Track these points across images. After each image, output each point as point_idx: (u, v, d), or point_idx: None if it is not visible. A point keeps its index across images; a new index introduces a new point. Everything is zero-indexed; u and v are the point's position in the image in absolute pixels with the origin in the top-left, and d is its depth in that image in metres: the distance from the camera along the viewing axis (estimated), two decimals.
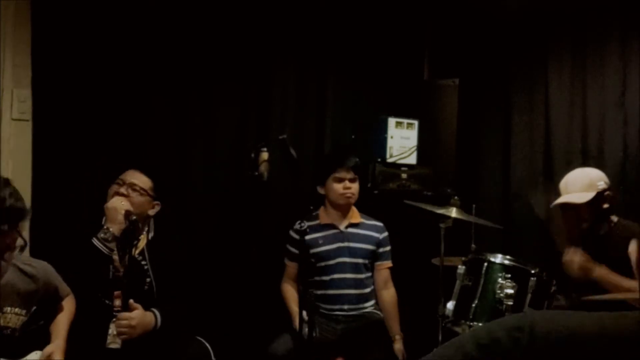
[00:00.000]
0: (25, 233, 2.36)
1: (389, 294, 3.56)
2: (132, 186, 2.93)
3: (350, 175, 3.48)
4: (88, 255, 2.71)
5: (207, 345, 2.94)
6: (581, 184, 3.15)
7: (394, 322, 3.50)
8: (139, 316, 2.71)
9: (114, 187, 2.93)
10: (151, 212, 3.02)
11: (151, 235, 3.03)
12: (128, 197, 2.87)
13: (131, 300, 2.69)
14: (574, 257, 3.04)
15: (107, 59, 3.37)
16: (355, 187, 3.50)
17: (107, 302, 2.76)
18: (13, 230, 2.24)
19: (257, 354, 3.29)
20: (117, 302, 2.65)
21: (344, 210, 3.54)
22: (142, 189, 2.96)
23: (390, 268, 3.59)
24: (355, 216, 3.56)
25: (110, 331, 2.64)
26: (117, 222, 2.73)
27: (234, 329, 3.58)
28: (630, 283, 2.83)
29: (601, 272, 2.97)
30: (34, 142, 3.19)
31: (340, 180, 3.48)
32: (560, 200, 3.18)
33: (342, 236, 3.51)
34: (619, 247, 3.08)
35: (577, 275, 3.03)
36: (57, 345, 2.53)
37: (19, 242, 2.30)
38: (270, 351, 3.21)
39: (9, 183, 2.28)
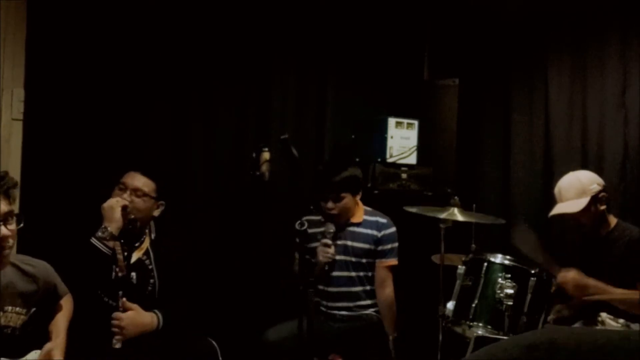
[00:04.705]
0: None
1: (384, 294, 3.49)
2: (135, 192, 2.88)
3: (331, 200, 3.40)
4: (87, 254, 2.70)
5: (214, 343, 2.93)
6: (574, 191, 3.16)
7: (386, 322, 3.46)
8: (129, 317, 2.70)
9: (117, 192, 2.88)
10: (156, 213, 2.99)
11: (153, 235, 3.01)
12: (131, 203, 2.83)
13: (124, 300, 2.69)
14: (568, 276, 3.05)
15: (105, 59, 3.37)
16: (339, 206, 3.41)
17: (110, 301, 2.76)
18: None
19: (260, 351, 3.30)
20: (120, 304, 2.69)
21: None
22: (145, 194, 2.90)
23: (392, 267, 3.51)
24: (358, 215, 3.52)
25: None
26: (115, 220, 2.72)
27: (236, 327, 3.58)
28: (622, 292, 2.89)
29: (596, 286, 3.00)
30: (24, 142, 3.17)
31: (326, 199, 3.43)
32: (556, 210, 3.20)
33: (341, 234, 3.48)
34: (618, 249, 3.11)
35: (573, 294, 3.05)
36: (57, 343, 2.53)
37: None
38: (264, 338, 3.29)
39: None
